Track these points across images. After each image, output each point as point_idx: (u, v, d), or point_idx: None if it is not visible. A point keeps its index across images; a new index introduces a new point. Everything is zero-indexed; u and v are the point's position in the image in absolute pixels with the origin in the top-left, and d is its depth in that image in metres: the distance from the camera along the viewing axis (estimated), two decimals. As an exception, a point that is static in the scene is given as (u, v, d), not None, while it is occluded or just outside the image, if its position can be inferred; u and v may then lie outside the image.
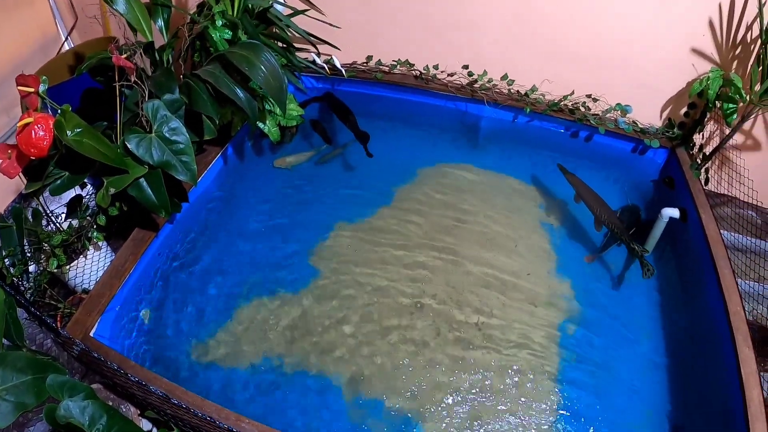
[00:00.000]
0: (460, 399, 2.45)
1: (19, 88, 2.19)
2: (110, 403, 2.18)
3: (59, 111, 2.21)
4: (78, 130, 2.25)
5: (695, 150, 3.17)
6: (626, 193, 3.34)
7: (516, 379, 2.52)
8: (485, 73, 3.50)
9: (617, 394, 2.50)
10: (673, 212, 2.81)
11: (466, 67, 3.55)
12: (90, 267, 2.56)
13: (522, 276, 2.92)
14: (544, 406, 2.43)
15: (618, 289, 2.89)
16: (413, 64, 3.66)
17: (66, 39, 3.72)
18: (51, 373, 2.01)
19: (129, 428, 2.03)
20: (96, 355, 2.15)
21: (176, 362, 2.58)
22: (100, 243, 2.59)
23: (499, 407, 2.42)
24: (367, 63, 3.75)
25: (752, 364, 2.24)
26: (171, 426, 2.24)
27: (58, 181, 2.38)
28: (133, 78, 2.50)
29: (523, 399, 2.45)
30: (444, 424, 2.37)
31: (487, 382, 2.50)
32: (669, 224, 2.85)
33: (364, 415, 2.40)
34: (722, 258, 2.61)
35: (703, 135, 3.19)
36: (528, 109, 3.44)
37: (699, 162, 3.07)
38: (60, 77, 2.96)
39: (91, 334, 2.39)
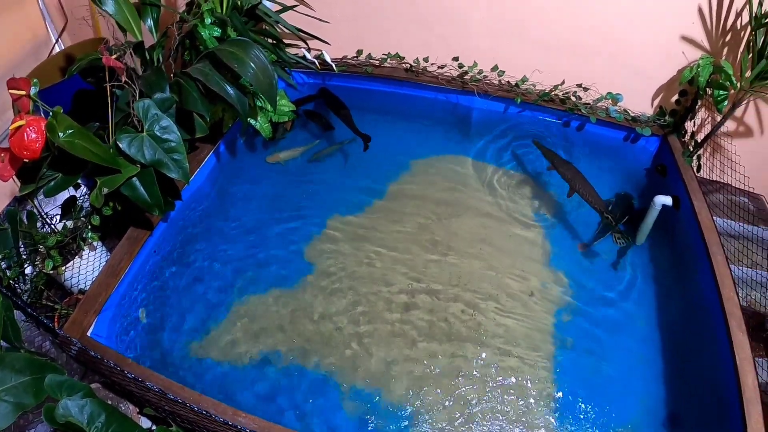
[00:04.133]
0: (453, 391, 2.47)
1: (11, 91, 2.20)
2: (109, 402, 2.20)
3: (51, 113, 2.22)
4: (70, 131, 2.25)
5: (687, 137, 3.18)
6: (619, 181, 3.34)
7: (511, 370, 2.53)
8: (475, 64, 3.51)
9: (612, 382, 2.51)
10: (666, 200, 2.81)
11: (456, 59, 3.55)
12: (86, 267, 2.57)
13: (516, 267, 2.93)
14: (540, 395, 2.45)
15: (612, 278, 2.90)
16: (403, 57, 3.67)
17: (56, 41, 3.72)
18: (49, 373, 2.03)
19: (127, 425, 2.05)
20: (93, 353, 2.17)
21: (173, 360, 2.60)
22: (95, 243, 2.60)
23: (493, 399, 2.44)
24: (357, 57, 3.75)
25: (746, 350, 2.25)
26: (169, 422, 2.26)
27: (52, 183, 2.38)
28: (123, 78, 2.50)
29: (517, 390, 2.47)
30: (438, 417, 2.39)
31: (480, 373, 2.52)
32: (662, 212, 2.85)
33: (359, 408, 2.42)
34: (715, 244, 2.62)
35: (694, 122, 3.20)
36: (519, 100, 3.45)
37: (691, 149, 3.08)
38: (52, 79, 2.96)
39: (89, 333, 2.41)
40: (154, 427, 2.34)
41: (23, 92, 2.21)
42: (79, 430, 1.95)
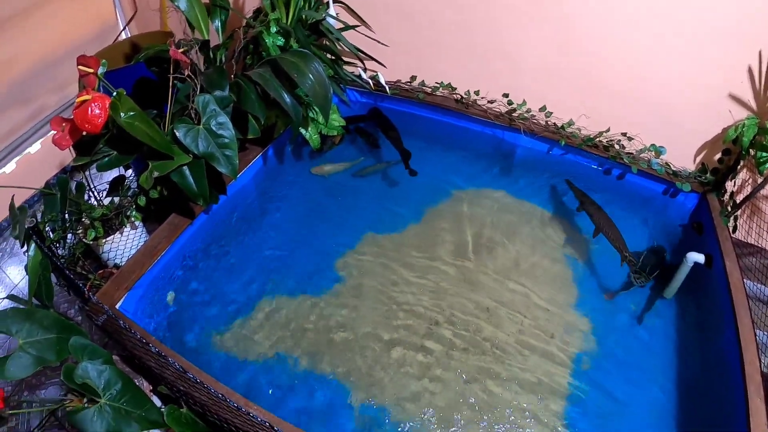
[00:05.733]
0: (464, 421, 2.45)
1: (80, 67, 2.34)
2: (126, 375, 2.27)
3: (115, 93, 2.36)
4: (131, 113, 2.39)
5: (726, 197, 3.16)
6: (654, 233, 3.32)
7: (525, 410, 2.50)
8: (524, 102, 3.56)
9: None
10: (699, 257, 2.79)
11: (506, 95, 3.62)
12: (124, 244, 2.68)
13: (541, 306, 2.92)
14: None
15: (636, 329, 2.86)
16: (455, 88, 3.75)
17: (123, 28, 3.92)
18: (74, 335, 2.12)
19: (140, 398, 2.12)
20: (121, 323, 2.26)
21: (193, 346, 2.67)
22: (137, 222, 2.71)
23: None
24: (410, 82, 3.85)
25: (762, 417, 2.19)
26: (181, 404, 2.32)
27: (106, 159, 2.51)
28: (186, 72, 2.64)
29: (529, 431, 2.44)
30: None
31: (495, 410, 2.50)
32: (693, 269, 2.82)
33: (369, 422, 2.42)
34: (743, 306, 2.58)
35: (735, 182, 3.16)
36: (563, 142, 3.48)
37: (729, 209, 3.05)
38: (115, 63, 3.12)
39: (117, 306, 2.50)
40: (164, 408, 2.40)
41: (91, 70, 2.35)
42: (94, 393, 2.02)
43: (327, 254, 3.13)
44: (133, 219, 2.67)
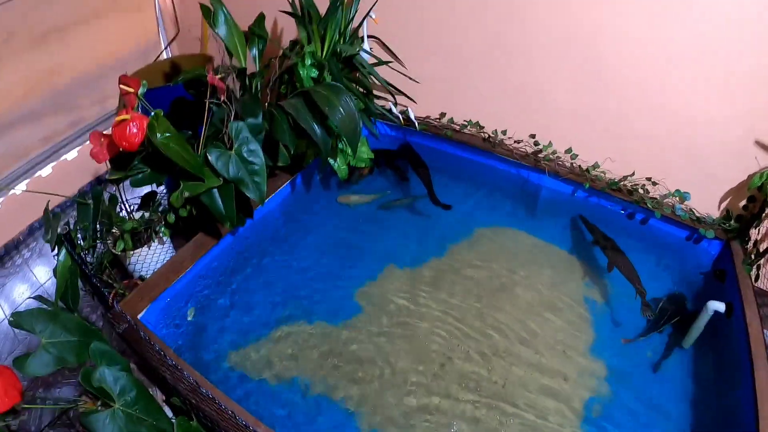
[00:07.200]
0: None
1: (121, 86, 2.48)
2: (141, 384, 2.34)
3: (152, 114, 2.49)
4: (167, 134, 2.50)
5: (750, 245, 3.12)
6: (675, 279, 3.28)
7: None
8: (550, 144, 3.61)
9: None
10: (719, 306, 2.74)
11: (533, 136, 3.67)
12: (151, 257, 2.78)
13: (557, 348, 2.90)
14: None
15: (651, 376, 2.81)
16: (483, 127, 3.81)
17: (165, 48, 4.12)
18: (95, 340, 2.21)
19: (153, 407, 2.18)
20: (141, 333, 2.34)
21: (208, 362, 2.72)
22: (165, 238, 2.82)
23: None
24: (439, 119, 3.94)
25: (776, 474, 2.15)
26: (191, 416, 2.37)
27: (140, 175, 2.63)
28: (223, 98, 2.76)
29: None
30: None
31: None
32: (713, 317, 2.78)
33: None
34: (761, 358, 2.52)
35: (759, 230, 3.12)
36: (587, 185, 3.50)
37: (752, 257, 3.01)
38: (155, 82, 3.28)
39: (139, 317, 2.59)
40: (174, 419, 2.46)
41: (132, 90, 2.49)
42: (108, 398, 2.10)
43: (347, 283, 3.18)
44: (161, 234, 2.77)
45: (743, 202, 3.17)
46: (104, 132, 2.57)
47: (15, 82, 3.40)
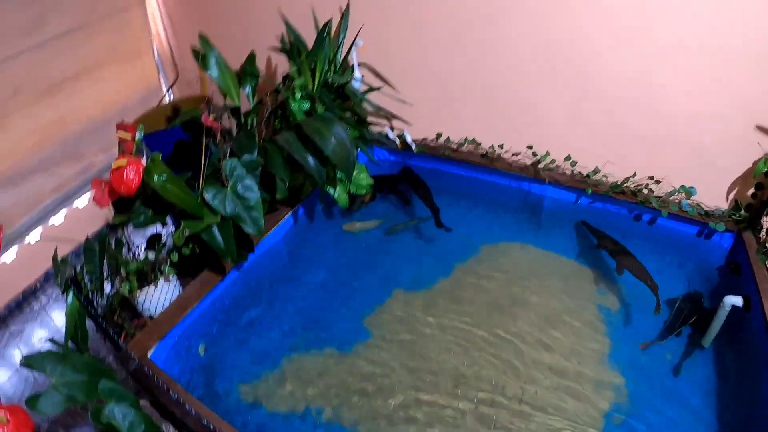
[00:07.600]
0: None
1: (118, 133, 2.59)
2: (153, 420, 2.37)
3: (150, 157, 2.58)
4: (164, 176, 2.59)
5: (762, 233, 3.03)
6: (690, 277, 3.20)
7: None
8: (548, 153, 3.61)
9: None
10: (736, 300, 2.66)
11: (530, 147, 3.67)
12: (158, 297, 2.83)
13: (572, 359, 2.84)
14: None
15: (671, 381, 2.73)
16: (480, 143, 3.84)
17: (167, 92, 4.29)
18: (104, 378, 2.26)
19: (162, 441, 2.21)
20: (146, 369, 2.38)
21: (220, 395, 2.74)
22: (171, 276, 2.88)
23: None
24: (436, 140, 3.98)
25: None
26: (203, 450, 2.38)
27: (142, 217, 2.72)
28: (218, 137, 2.86)
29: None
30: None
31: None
32: (731, 313, 2.70)
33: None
34: (783, 350, 2.45)
35: (770, 217, 3.05)
36: (590, 191, 3.47)
37: (766, 246, 2.93)
38: (158, 125, 3.40)
39: (149, 355, 2.63)
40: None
41: (129, 136, 2.59)
42: (118, 434, 2.13)
43: (356, 310, 3.18)
44: (167, 273, 2.83)
45: (751, 190, 3.10)
46: (106, 179, 2.67)
47: (24, 134, 3.55)
